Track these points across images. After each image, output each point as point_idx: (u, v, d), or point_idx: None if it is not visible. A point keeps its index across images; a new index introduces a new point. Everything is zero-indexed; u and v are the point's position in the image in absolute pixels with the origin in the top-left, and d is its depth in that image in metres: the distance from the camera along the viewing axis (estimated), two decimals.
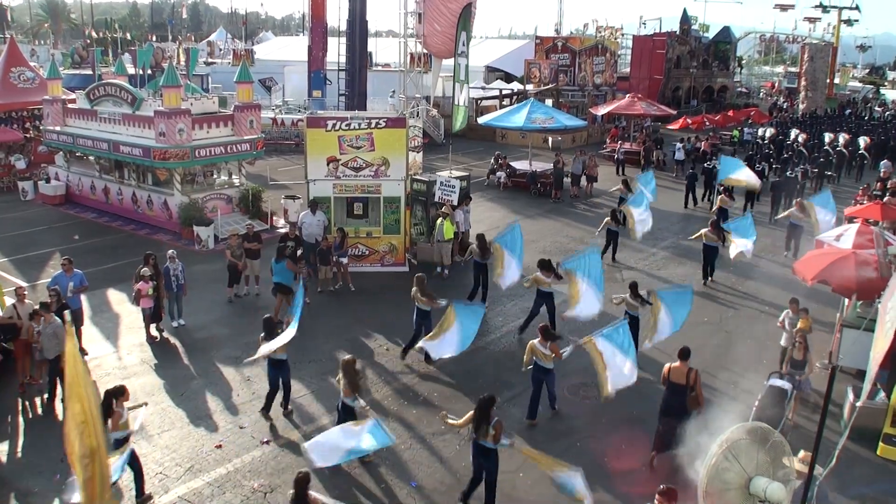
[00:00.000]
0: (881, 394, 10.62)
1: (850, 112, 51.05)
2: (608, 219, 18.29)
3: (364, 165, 17.04)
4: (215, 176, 21.77)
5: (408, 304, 14.02)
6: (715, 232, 16.68)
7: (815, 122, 42.44)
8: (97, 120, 21.70)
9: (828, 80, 53.90)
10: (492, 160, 28.81)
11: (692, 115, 41.91)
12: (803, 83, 53.01)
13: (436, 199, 18.03)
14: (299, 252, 15.43)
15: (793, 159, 29.65)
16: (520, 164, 28.14)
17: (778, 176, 25.94)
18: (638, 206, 18.32)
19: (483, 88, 45.96)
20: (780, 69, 75.17)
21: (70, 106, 23.10)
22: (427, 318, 12.63)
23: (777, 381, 10.49)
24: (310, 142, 17.10)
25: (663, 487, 7.36)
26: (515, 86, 47.11)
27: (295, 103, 40.04)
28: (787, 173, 25.79)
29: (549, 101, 38.40)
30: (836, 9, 57.51)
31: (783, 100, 57.75)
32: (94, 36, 56.91)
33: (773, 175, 26.61)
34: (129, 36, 61.87)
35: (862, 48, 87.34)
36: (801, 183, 24.87)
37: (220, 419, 10.87)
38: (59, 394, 11.31)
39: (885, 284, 8.84)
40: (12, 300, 11.80)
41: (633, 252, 19.40)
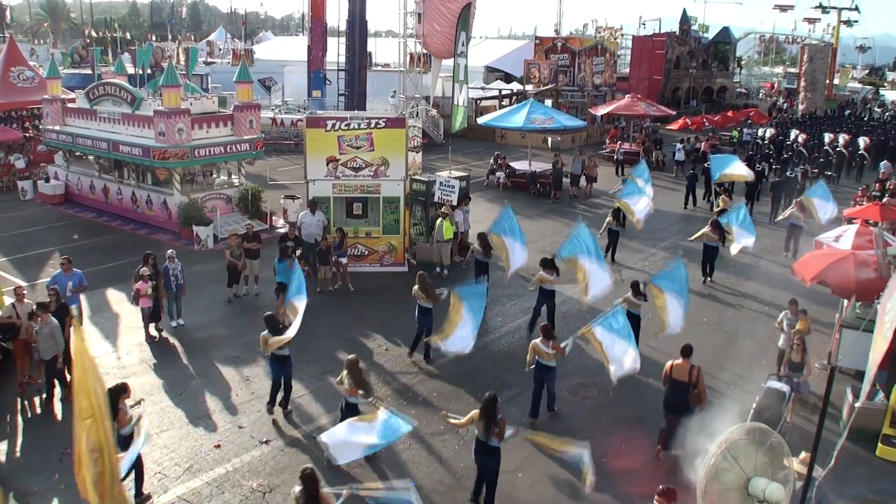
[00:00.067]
0: (880, 394, 10.62)
1: (849, 113, 51.08)
2: (610, 218, 18.36)
3: (363, 165, 17.04)
4: (215, 176, 21.76)
5: (407, 304, 14.02)
6: (715, 231, 16.73)
7: (815, 123, 42.46)
8: (97, 119, 21.69)
9: (827, 81, 53.93)
10: (491, 160, 28.82)
11: (691, 115, 41.94)
12: (803, 84, 53.04)
13: (435, 199, 18.03)
14: (298, 252, 15.43)
15: (793, 159, 29.67)
16: (519, 165, 28.16)
17: (778, 176, 25.95)
18: (631, 197, 18.52)
19: (483, 89, 45.99)
20: (779, 70, 75.24)
21: (69, 105, 23.09)
22: (429, 315, 12.64)
23: (775, 383, 10.48)
24: (309, 142, 17.11)
25: (662, 488, 7.38)
26: (515, 86, 47.15)
27: (294, 103, 40.01)
28: (787, 173, 25.81)
29: (548, 102, 38.41)
30: (835, 9, 57.57)
31: (782, 100, 57.77)
32: (94, 35, 56.90)
33: (773, 175, 26.61)
34: (128, 35, 61.89)
35: (861, 49, 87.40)
36: (801, 183, 24.83)
37: (219, 419, 10.87)
38: (58, 393, 11.34)
39: (884, 285, 8.85)
40: (11, 300, 11.79)
41: (633, 252, 19.41)
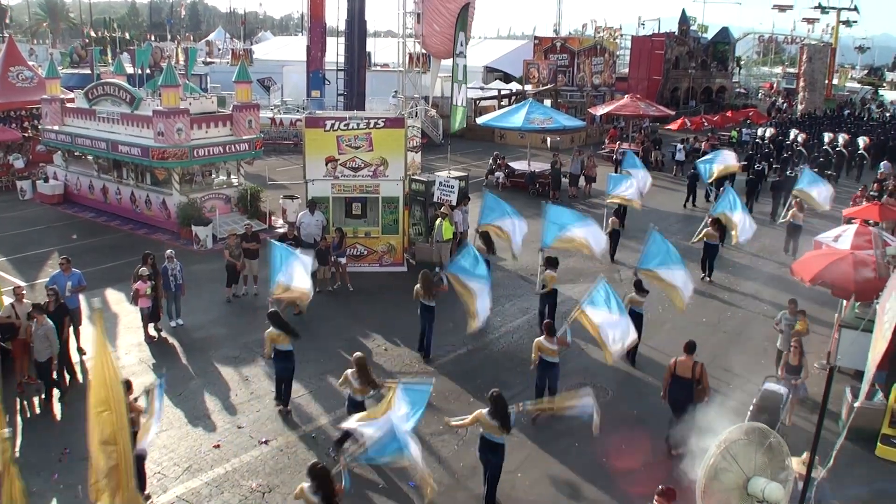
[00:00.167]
0: (879, 394, 10.62)
1: (848, 113, 51.10)
2: (613, 218, 18.48)
3: (362, 165, 17.03)
4: (214, 176, 21.73)
5: (407, 304, 14.02)
6: (717, 229, 16.96)
7: (814, 123, 42.47)
8: (96, 119, 21.67)
9: (826, 81, 53.94)
10: (490, 160, 28.80)
11: (690, 115, 41.90)
12: (802, 84, 53.05)
13: (434, 199, 18.03)
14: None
15: (792, 159, 29.67)
16: (518, 165, 28.15)
17: (778, 175, 25.95)
18: (618, 187, 19.29)
19: (482, 89, 45.98)
20: (778, 70, 75.20)
21: (68, 105, 23.07)
22: (431, 313, 12.71)
23: (773, 386, 10.44)
24: (308, 142, 17.10)
25: (662, 488, 7.39)
26: (514, 86, 47.13)
27: (293, 103, 39.98)
28: (787, 173, 25.80)
29: (547, 102, 38.42)
30: (834, 10, 57.61)
31: (782, 100, 57.78)
32: (93, 35, 56.78)
33: (773, 175, 26.61)
34: (127, 35, 61.80)
35: (860, 49, 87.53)
36: None
37: (218, 419, 10.87)
38: (57, 394, 11.34)
39: (884, 285, 8.85)
40: (10, 300, 11.78)
41: (633, 252, 19.32)
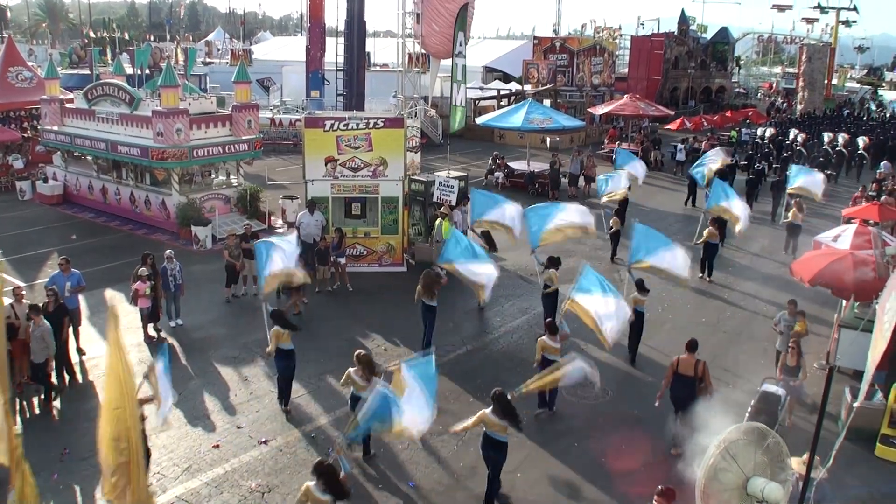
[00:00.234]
0: (878, 394, 10.62)
1: (847, 113, 51.12)
2: (615, 218, 18.60)
3: (362, 165, 17.03)
4: (213, 176, 21.72)
5: (406, 304, 14.03)
6: (718, 229, 17.14)
7: (813, 123, 42.47)
8: (95, 120, 21.66)
9: (825, 81, 53.94)
10: (490, 160, 28.81)
11: (690, 115, 41.90)
12: (801, 84, 53.05)
13: (434, 199, 18.03)
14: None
15: (792, 159, 29.66)
16: (518, 165, 28.15)
17: (778, 176, 25.94)
18: (607, 184, 19.96)
19: (481, 89, 45.99)
20: (777, 70, 75.27)
21: (68, 106, 23.05)
22: (433, 312, 12.74)
23: (770, 387, 10.43)
24: (308, 142, 17.10)
25: (662, 488, 7.38)
26: (513, 86, 47.15)
27: (293, 103, 39.97)
28: (786, 173, 25.78)
29: (547, 102, 38.43)
30: (833, 9, 57.59)
31: (781, 100, 57.79)
32: (92, 35, 56.72)
33: (773, 175, 26.59)
34: (127, 36, 61.71)
35: (860, 49, 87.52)
36: None
37: (217, 419, 10.86)
38: (53, 394, 11.33)
39: (883, 285, 8.84)
40: (10, 300, 11.76)
41: None
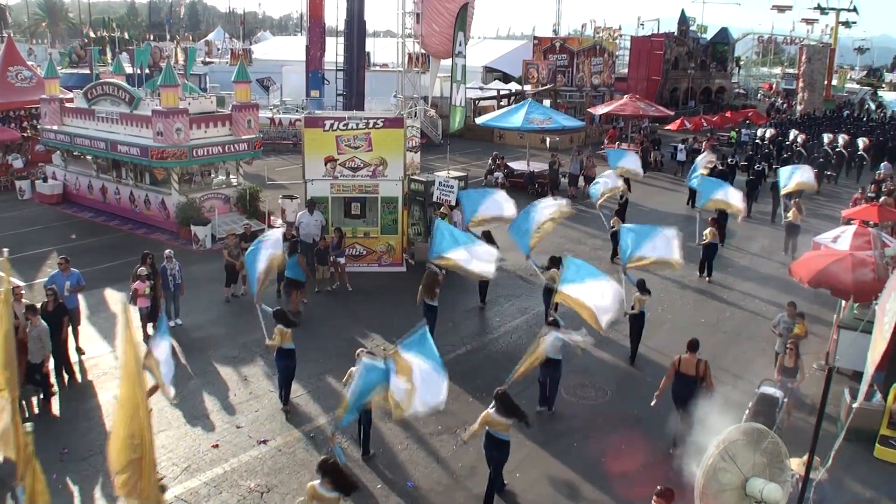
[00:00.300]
0: (878, 395, 10.62)
1: (847, 114, 51.12)
2: (615, 217, 18.60)
3: (362, 165, 17.03)
4: (213, 175, 21.71)
5: (405, 304, 14.04)
6: (718, 230, 17.31)
7: (813, 124, 42.48)
8: (95, 119, 21.66)
9: (825, 82, 53.95)
10: (489, 160, 28.78)
11: (690, 116, 41.89)
12: (801, 84, 53.06)
13: (434, 199, 18.03)
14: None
15: (792, 159, 29.66)
16: (517, 165, 28.15)
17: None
18: (598, 185, 20.02)
19: (481, 89, 45.98)
20: (777, 70, 75.28)
21: (67, 105, 23.04)
22: (434, 312, 12.80)
23: (768, 389, 10.41)
24: (307, 142, 17.10)
25: (661, 488, 7.39)
26: (513, 86, 47.14)
27: (293, 103, 39.97)
28: (776, 179, 25.78)
29: (546, 102, 38.42)
30: (833, 10, 57.58)
31: (781, 101, 57.79)
32: (92, 35, 56.68)
33: (773, 175, 26.54)
34: (126, 35, 61.64)
35: (860, 50, 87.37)
36: None
37: (216, 419, 10.86)
38: (55, 394, 11.33)
39: (882, 286, 8.83)
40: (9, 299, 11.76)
41: None
